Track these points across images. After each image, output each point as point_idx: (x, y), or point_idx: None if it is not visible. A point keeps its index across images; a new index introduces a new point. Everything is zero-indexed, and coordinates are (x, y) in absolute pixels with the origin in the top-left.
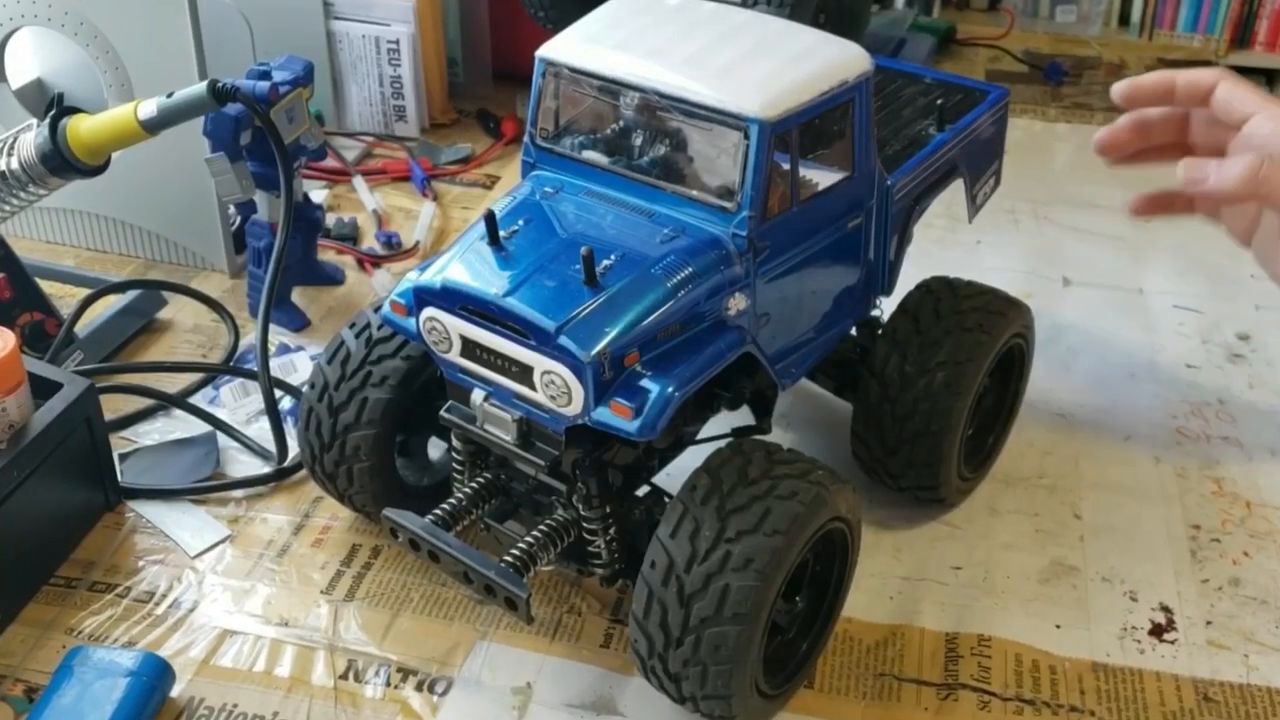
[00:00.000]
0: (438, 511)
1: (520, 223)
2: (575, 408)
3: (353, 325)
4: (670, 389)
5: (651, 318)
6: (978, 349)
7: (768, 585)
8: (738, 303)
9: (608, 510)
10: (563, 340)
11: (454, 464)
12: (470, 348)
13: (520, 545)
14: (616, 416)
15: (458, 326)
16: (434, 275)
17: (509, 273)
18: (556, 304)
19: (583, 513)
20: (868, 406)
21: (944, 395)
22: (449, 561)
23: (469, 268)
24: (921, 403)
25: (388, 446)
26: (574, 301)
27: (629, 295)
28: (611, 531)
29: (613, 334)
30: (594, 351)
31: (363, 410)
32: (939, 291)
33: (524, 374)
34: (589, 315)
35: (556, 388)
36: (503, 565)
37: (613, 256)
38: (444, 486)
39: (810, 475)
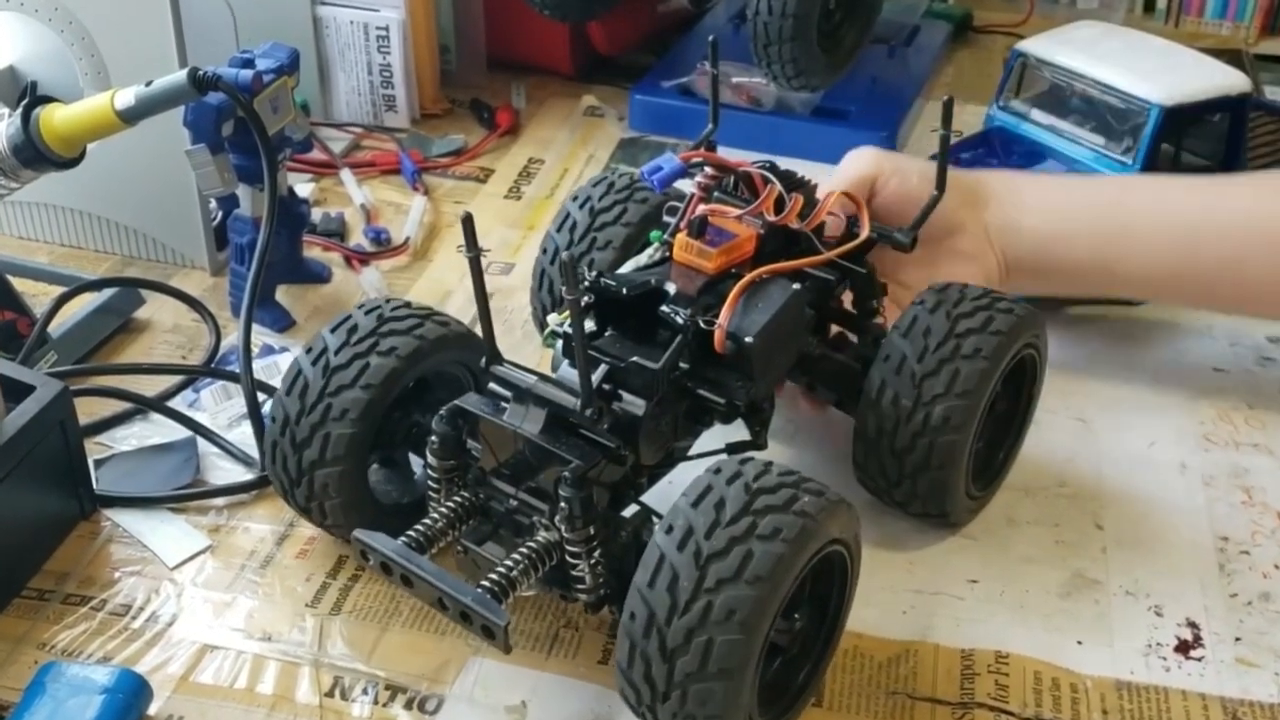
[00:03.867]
0: (411, 533)
1: None
2: None
3: (309, 350)
4: None
5: None
6: (978, 379)
7: (753, 637)
8: None
9: (592, 532)
10: None
11: (429, 483)
12: None
13: (499, 569)
14: None
15: None
16: None
17: None
18: None
19: (565, 534)
20: (866, 440)
21: (943, 430)
22: (423, 586)
23: None
24: (920, 438)
25: (359, 479)
26: None
27: None
28: (596, 554)
29: None
30: None
31: (326, 447)
32: (935, 307)
33: None
34: None
35: None
36: (480, 591)
37: None
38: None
39: (794, 505)
